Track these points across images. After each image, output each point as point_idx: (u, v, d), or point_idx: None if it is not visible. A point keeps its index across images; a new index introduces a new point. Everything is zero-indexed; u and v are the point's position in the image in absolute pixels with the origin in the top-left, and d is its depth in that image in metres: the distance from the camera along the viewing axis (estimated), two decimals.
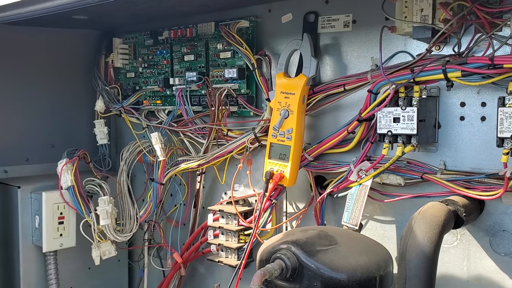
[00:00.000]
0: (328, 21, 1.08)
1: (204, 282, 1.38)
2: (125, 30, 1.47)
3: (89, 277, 1.46)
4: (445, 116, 0.95)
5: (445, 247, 0.97)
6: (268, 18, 1.19)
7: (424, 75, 0.87)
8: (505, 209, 0.90)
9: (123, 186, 1.36)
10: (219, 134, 1.23)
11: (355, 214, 0.98)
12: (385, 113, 0.92)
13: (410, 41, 0.98)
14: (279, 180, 1.05)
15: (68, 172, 1.27)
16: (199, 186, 1.31)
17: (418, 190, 0.97)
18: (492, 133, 0.89)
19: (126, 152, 1.39)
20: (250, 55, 1.15)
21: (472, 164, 0.93)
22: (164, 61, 1.35)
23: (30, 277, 1.34)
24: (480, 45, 0.88)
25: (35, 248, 1.34)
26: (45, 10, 1.10)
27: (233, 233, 1.17)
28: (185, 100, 1.26)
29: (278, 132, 1.06)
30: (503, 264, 0.91)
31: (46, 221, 1.29)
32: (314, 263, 0.79)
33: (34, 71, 1.43)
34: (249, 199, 1.24)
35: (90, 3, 1.02)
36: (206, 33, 1.27)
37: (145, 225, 1.41)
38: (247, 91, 1.20)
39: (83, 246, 1.34)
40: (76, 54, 1.50)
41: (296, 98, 1.04)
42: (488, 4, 0.84)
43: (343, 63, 1.08)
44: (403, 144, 0.91)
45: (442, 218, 0.81)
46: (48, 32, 1.43)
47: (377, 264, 0.82)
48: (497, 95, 0.86)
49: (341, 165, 1.05)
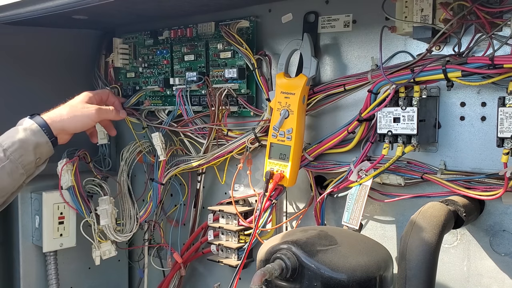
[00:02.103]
0: (328, 21, 1.08)
1: (204, 282, 1.38)
2: (125, 30, 1.47)
3: (89, 277, 1.46)
4: (445, 116, 0.95)
5: (445, 247, 0.97)
6: (268, 18, 1.19)
7: (424, 75, 0.87)
8: (505, 209, 0.90)
9: (123, 186, 1.36)
10: (219, 134, 1.23)
11: (355, 214, 0.98)
12: (385, 113, 0.92)
13: (410, 41, 0.98)
14: (279, 180, 1.05)
15: (68, 172, 1.27)
16: (199, 186, 1.31)
17: (418, 190, 0.97)
18: (492, 133, 0.89)
19: (126, 152, 1.39)
20: (250, 55, 1.15)
21: (472, 164, 0.93)
22: (164, 61, 1.35)
23: (30, 277, 1.34)
24: (480, 45, 0.88)
25: (35, 248, 1.34)
26: (45, 10, 1.10)
27: (233, 233, 1.17)
28: (185, 100, 1.26)
29: (278, 132, 1.06)
30: (503, 264, 0.91)
31: (46, 221, 1.29)
32: (314, 263, 0.79)
33: (34, 71, 1.43)
34: (249, 199, 1.24)
35: (90, 3, 1.02)
36: (206, 33, 1.27)
37: (145, 225, 1.41)
38: (247, 91, 1.20)
39: (83, 246, 1.34)
40: (76, 54, 1.50)
41: (296, 98, 1.04)
42: (488, 4, 0.84)
43: (343, 63, 1.08)
44: (403, 144, 0.91)
45: (442, 218, 0.81)
46: (48, 32, 1.43)
47: (377, 264, 0.82)
48: (497, 95, 0.86)
49: (341, 165, 1.05)
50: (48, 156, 1.15)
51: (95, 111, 1.21)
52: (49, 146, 1.13)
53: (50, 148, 1.14)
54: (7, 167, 1.06)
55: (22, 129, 1.10)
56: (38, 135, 1.10)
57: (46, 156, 1.14)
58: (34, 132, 1.10)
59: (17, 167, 1.07)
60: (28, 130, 1.10)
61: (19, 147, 1.07)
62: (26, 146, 1.07)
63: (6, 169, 1.06)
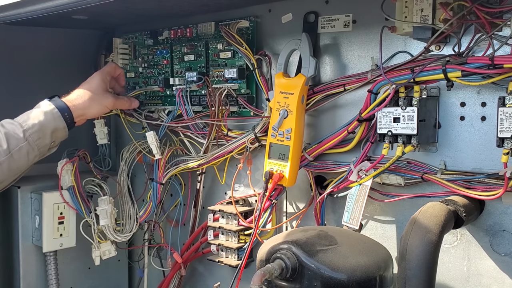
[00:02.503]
0: (328, 21, 1.08)
1: (204, 282, 1.38)
2: (125, 30, 1.47)
3: (89, 277, 1.46)
4: (445, 116, 0.95)
5: (445, 247, 0.97)
6: (268, 18, 1.19)
7: (424, 75, 0.87)
8: (505, 209, 0.90)
9: (123, 186, 1.36)
10: (219, 134, 1.23)
11: (355, 214, 0.98)
12: (385, 113, 0.92)
13: (410, 41, 0.98)
14: (278, 180, 1.05)
15: (68, 172, 1.27)
16: (199, 186, 1.31)
17: (418, 190, 0.97)
18: (492, 133, 0.89)
19: (126, 152, 1.39)
20: (250, 55, 1.15)
21: (472, 164, 0.93)
22: (164, 61, 1.35)
23: (30, 277, 1.34)
24: (480, 45, 0.88)
25: (35, 248, 1.34)
26: (45, 10, 1.10)
27: (233, 233, 1.17)
28: (185, 100, 1.26)
29: (277, 132, 1.06)
30: (503, 264, 0.91)
31: (46, 221, 1.29)
32: (314, 263, 0.80)
33: (34, 71, 1.43)
34: (249, 199, 1.24)
35: (90, 3, 1.02)
36: (206, 33, 1.27)
37: (145, 225, 1.41)
38: (247, 91, 1.20)
39: (83, 246, 1.34)
40: (76, 54, 1.50)
41: (295, 98, 1.04)
42: (488, 4, 0.84)
43: (343, 63, 1.08)
44: (403, 144, 0.91)
45: (442, 218, 0.81)
46: (48, 32, 1.43)
47: (377, 264, 0.82)
48: (497, 95, 0.86)
49: (341, 165, 1.05)
50: (62, 139, 1.19)
51: (112, 102, 1.27)
52: (65, 131, 1.17)
53: (66, 133, 1.18)
54: (24, 148, 1.10)
55: (43, 112, 1.13)
56: (58, 121, 1.14)
57: (61, 139, 1.18)
58: (54, 117, 1.14)
59: (33, 149, 1.11)
60: (49, 114, 1.14)
61: (38, 129, 1.11)
62: (44, 129, 1.12)
63: (23, 150, 1.10)
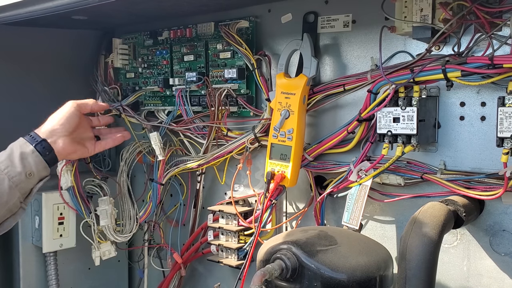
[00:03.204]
0: (327, 21, 1.08)
1: (204, 282, 1.38)
2: (125, 30, 1.47)
3: (89, 278, 1.46)
4: (445, 116, 0.95)
5: (445, 247, 0.97)
6: (268, 18, 1.19)
7: (424, 75, 0.87)
8: (505, 209, 0.90)
9: (123, 187, 1.36)
10: (219, 134, 1.23)
11: (355, 214, 0.98)
12: (385, 113, 0.92)
13: (410, 41, 0.98)
14: (280, 181, 1.05)
15: (68, 173, 1.27)
16: (199, 186, 1.31)
17: (418, 190, 0.97)
18: (492, 133, 0.89)
19: (126, 153, 1.39)
20: (250, 55, 1.15)
21: (472, 164, 0.93)
22: (164, 61, 1.35)
23: (30, 277, 1.33)
24: (480, 45, 0.88)
25: (35, 248, 1.34)
26: (45, 10, 1.10)
27: (233, 233, 1.17)
28: (185, 100, 1.26)
29: (279, 133, 1.06)
30: (503, 264, 0.91)
31: (46, 221, 1.29)
32: (314, 263, 0.79)
33: (34, 72, 1.43)
34: (249, 199, 1.24)
35: (90, 3, 1.02)
36: (205, 33, 1.27)
37: (145, 225, 1.41)
38: (247, 91, 1.20)
39: (83, 247, 1.34)
40: (75, 54, 1.50)
41: (297, 98, 1.04)
42: (488, 4, 0.84)
43: (343, 63, 1.08)
44: (403, 144, 0.91)
45: (442, 218, 0.81)
46: (47, 32, 1.43)
47: (377, 264, 0.82)
48: (497, 95, 0.86)
49: (341, 165, 1.05)
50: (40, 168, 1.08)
51: (70, 101, 1.18)
52: (36, 156, 1.08)
53: (38, 159, 1.08)
54: None
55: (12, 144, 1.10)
56: (23, 146, 1.08)
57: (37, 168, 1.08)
58: (20, 144, 1.09)
59: (3, 178, 1.04)
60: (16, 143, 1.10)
61: (5, 158, 1.06)
62: (12, 158, 1.06)
63: None
